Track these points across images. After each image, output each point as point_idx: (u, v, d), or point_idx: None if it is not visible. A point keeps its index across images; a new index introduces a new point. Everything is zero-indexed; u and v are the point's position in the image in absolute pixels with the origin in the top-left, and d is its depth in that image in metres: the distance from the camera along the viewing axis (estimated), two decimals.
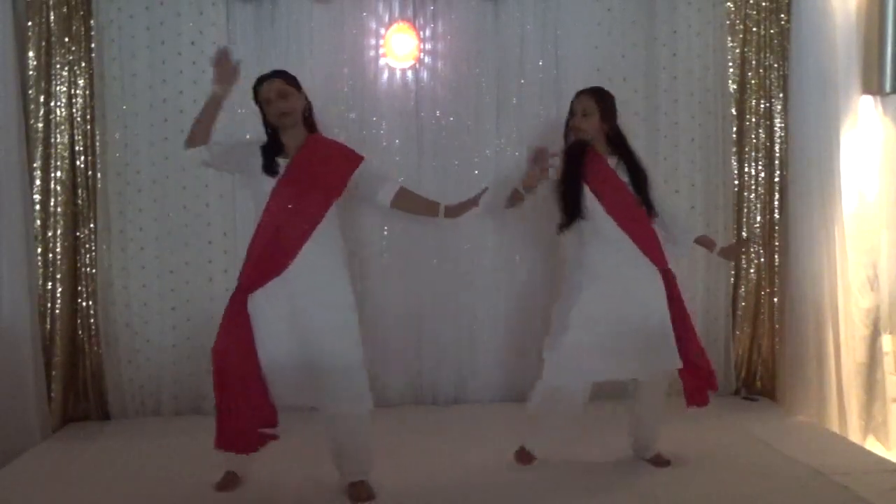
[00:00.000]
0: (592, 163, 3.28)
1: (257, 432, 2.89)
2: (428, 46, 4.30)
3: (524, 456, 3.39)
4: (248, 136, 3.72)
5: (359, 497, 3.02)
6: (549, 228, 4.34)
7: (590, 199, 3.24)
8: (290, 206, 2.92)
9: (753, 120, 4.48)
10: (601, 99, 3.33)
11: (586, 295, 3.18)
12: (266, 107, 3.02)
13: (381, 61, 4.28)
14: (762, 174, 4.50)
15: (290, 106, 2.99)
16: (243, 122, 4.03)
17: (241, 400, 2.85)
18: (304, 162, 2.98)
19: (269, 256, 2.92)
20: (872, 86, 4.08)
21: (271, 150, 3.00)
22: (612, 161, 3.32)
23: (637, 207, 3.27)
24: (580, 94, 3.35)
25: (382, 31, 4.27)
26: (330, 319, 2.95)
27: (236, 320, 2.90)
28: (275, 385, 2.91)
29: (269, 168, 2.95)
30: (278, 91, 2.99)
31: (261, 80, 3.07)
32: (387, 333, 4.33)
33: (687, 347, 3.26)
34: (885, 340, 4.14)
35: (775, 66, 4.44)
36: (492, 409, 4.29)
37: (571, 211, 3.24)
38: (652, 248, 3.29)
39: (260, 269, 2.92)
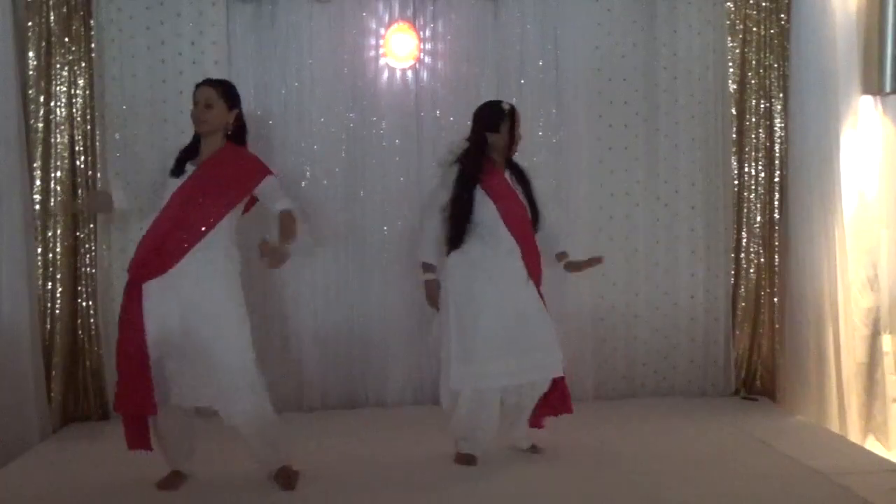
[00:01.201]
0: (492, 175, 3.34)
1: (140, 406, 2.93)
2: (428, 46, 4.30)
3: (465, 458, 3.41)
4: None
5: (286, 482, 3.11)
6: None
7: (489, 211, 3.28)
8: (185, 209, 2.96)
9: (753, 120, 4.48)
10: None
11: (479, 301, 3.24)
12: (192, 109, 3.10)
13: (381, 61, 4.28)
14: (762, 174, 4.50)
15: (207, 117, 3.05)
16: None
17: (138, 396, 2.92)
18: (210, 169, 3.03)
19: (156, 254, 2.96)
20: (872, 86, 4.08)
21: (185, 153, 3.09)
22: (506, 174, 3.40)
23: (528, 221, 3.38)
24: (516, 109, 3.39)
25: (382, 31, 4.27)
26: (215, 326, 2.95)
27: (127, 311, 2.95)
28: (172, 384, 2.97)
29: (176, 170, 3.04)
30: (205, 99, 3.06)
31: (199, 83, 3.13)
32: (387, 333, 4.34)
33: None
34: (885, 340, 4.14)
35: (775, 66, 4.44)
36: None
37: (466, 227, 3.28)
38: (536, 270, 3.40)
39: (147, 265, 2.96)
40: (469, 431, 3.37)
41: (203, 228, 2.96)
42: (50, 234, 4.04)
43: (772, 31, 4.44)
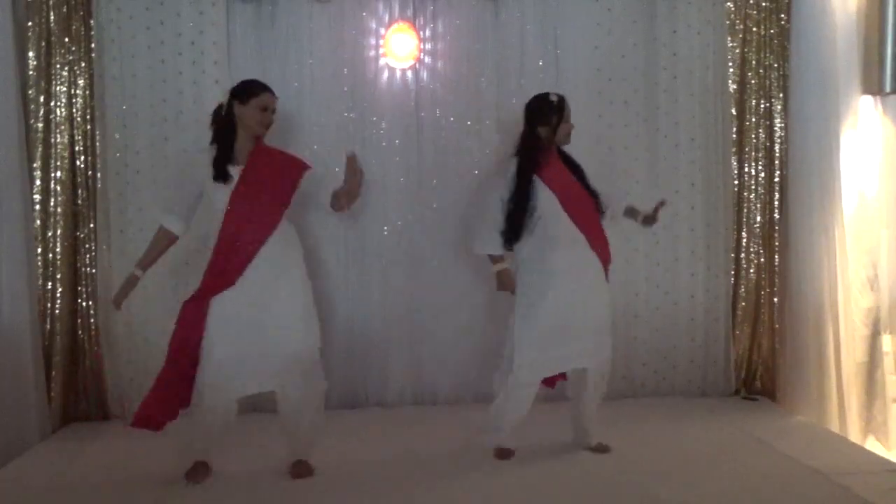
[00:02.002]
0: (551, 167, 3.39)
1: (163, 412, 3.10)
2: (428, 46, 4.30)
3: (504, 452, 3.49)
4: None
5: (300, 474, 3.24)
6: None
7: (551, 203, 3.33)
8: (247, 214, 3.06)
9: (753, 120, 4.48)
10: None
11: (545, 293, 3.31)
12: (259, 114, 3.13)
13: (381, 61, 4.28)
14: (762, 174, 4.50)
15: (271, 121, 3.20)
16: None
17: (172, 400, 3.10)
18: (256, 170, 3.11)
19: (228, 264, 3.06)
20: (872, 86, 4.08)
21: (223, 158, 3.12)
22: (560, 163, 3.45)
23: (591, 208, 3.42)
24: (565, 99, 3.45)
25: (382, 31, 4.27)
26: (289, 310, 3.11)
27: (189, 325, 3.07)
28: (236, 377, 3.05)
29: (222, 176, 3.08)
30: (274, 106, 3.19)
31: (265, 87, 3.18)
32: (387, 333, 4.34)
33: None
34: (885, 340, 4.14)
35: (775, 66, 4.44)
36: None
37: (525, 221, 3.33)
38: (606, 258, 3.47)
39: (221, 277, 3.07)
40: (514, 420, 3.46)
41: (267, 229, 3.08)
42: (50, 234, 4.04)
43: (772, 31, 4.43)
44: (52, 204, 4.03)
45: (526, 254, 3.39)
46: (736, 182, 4.51)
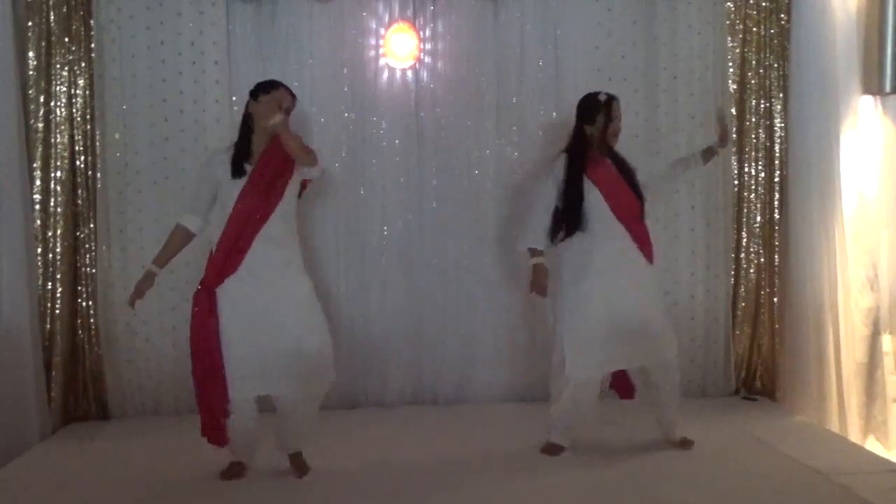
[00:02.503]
0: (598, 166, 3.42)
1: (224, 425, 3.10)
2: (428, 46, 4.30)
3: (553, 448, 3.52)
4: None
5: (298, 467, 3.27)
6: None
7: (597, 201, 3.36)
8: (249, 208, 3.07)
9: (753, 120, 4.48)
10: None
11: (591, 291, 3.33)
12: (276, 111, 3.11)
13: (381, 61, 4.28)
14: (762, 174, 4.50)
15: (288, 121, 3.16)
16: None
17: (215, 396, 3.06)
18: (264, 165, 3.13)
19: (229, 256, 3.08)
20: (872, 86, 4.08)
21: (242, 154, 3.15)
22: (609, 163, 3.48)
23: (637, 207, 3.45)
24: (615, 99, 3.49)
25: (382, 31, 4.27)
26: (292, 308, 3.11)
27: (203, 317, 3.07)
28: (247, 379, 3.04)
29: (238, 171, 3.11)
30: (288, 106, 3.16)
31: (279, 85, 3.18)
32: (387, 333, 4.33)
33: None
34: (885, 340, 4.14)
35: (775, 66, 4.44)
36: (492, 409, 4.29)
37: (579, 212, 3.36)
38: (650, 253, 3.48)
39: (222, 267, 3.08)
40: (569, 420, 3.47)
41: (266, 212, 3.08)
42: (50, 234, 4.04)
43: (772, 31, 4.43)
44: (52, 204, 4.03)
45: (571, 252, 3.40)
46: (736, 182, 4.51)
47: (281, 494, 3.11)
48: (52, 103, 4.04)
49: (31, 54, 3.98)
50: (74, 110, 4.09)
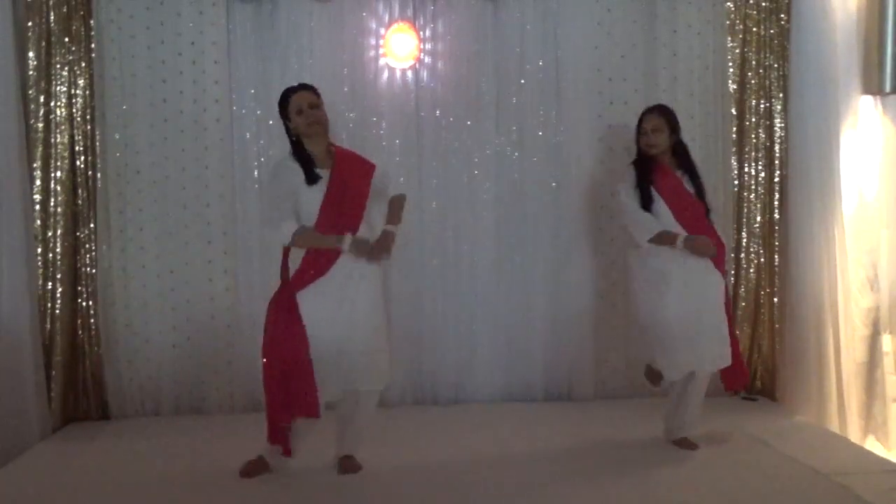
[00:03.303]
0: (662, 176, 3.55)
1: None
2: (428, 46, 4.30)
3: (688, 443, 3.58)
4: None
5: (348, 469, 3.30)
6: (550, 228, 4.38)
7: (663, 211, 3.50)
8: (335, 216, 3.12)
9: (753, 120, 4.48)
10: (668, 115, 3.59)
11: (668, 298, 3.46)
12: (297, 117, 3.17)
13: (381, 61, 4.28)
14: (762, 174, 4.50)
15: (322, 115, 3.19)
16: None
17: (290, 395, 3.07)
18: (342, 175, 3.17)
19: (317, 261, 3.11)
20: (872, 86, 4.07)
21: (307, 161, 3.17)
22: (678, 173, 3.60)
23: (704, 217, 3.56)
24: (648, 112, 3.61)
25: (382, 31, 4.27)
26: (369, 305, 3.18)
27: (287, 316, 3.08)
28: (326, 380, 3.08)
29: (312, 179, 3.14)
30: (310, 101, 3.17)
31: (290, 92, 3.22)
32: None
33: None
34: (885, 340, 4.14)
35: (775, 66, 4.44)
36: (492, 409, 4.29)
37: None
38: (718, 260, 3.55)
39: (310, 272, 3.10)
40: (685, 415, 3.60)
41: (355, 224, 3.16)
42: (50, 234, 4.04)
43: (772, 31, 4.43)
44: (52, 204, 4.03)
45: (641, 258, 3.57)
46: (736, 182, 4.51)
47: (281, 494, 3.10)
48: (52, 103, 4.04)
49: (31, 54, 3.97)
50: (74, 110, 4.09)
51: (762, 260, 4.51)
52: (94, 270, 4.14)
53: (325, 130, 3.23)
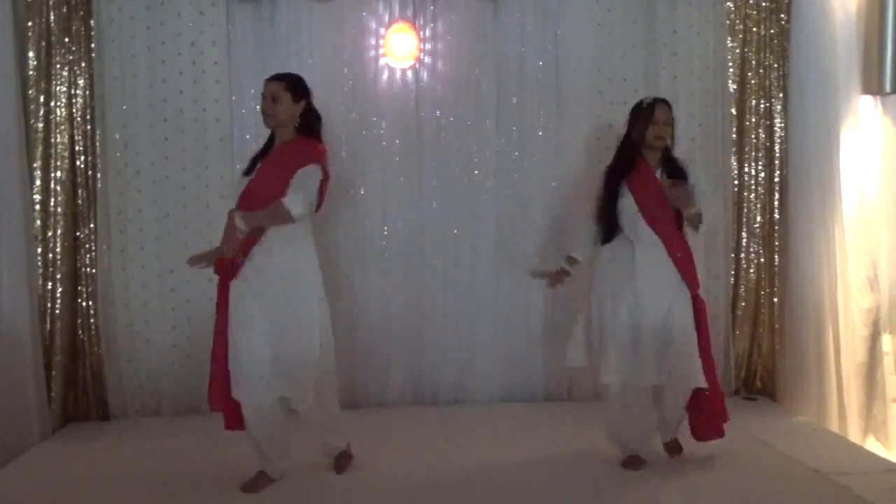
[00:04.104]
0: (640, 172, 3.33)
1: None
2: (428, 46, 4.30)
3: (630, 462, 3.37)
4: None
5: (343, 465, 3.34)
6: (550, 228, 4.38)
7: (629, 207, 3.29)
8: (250, 205, 3.00)
9: (753, 120, 4.48)
10: (671, 109, 3.38)
11: (619, 297, 3.27)
12: (262, 103, 3.14)
13: (381, 61, 4.28)
14: (762, 174, 4.50)
15: (274, 110, 3.08)
16: None
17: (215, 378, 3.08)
18: (271, 163, 3.09)
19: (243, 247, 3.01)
20: (872, 86, 4.07)
21: (261, 152, 3.16)
22: (657, 171, 3.36)
23: (675, 222, 3.31)
24: (660, 103, 3.35)
25: (382, 31, 4.27)
26: (294, 314, 3.04)
27: (217, 312, 3.09)
28: (264, 375, 3.00)
29: (248, 169, 3.13)
30: (272, 93, 3.09)
31: (266, 80, 3.18)
32: (387, 333, 4.33)
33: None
34: (885, 340, 4.14)
35: (775, 66, 4.44)
36: (492, 409, 4.29)
37: (613, 222, 3.32)
38: (686, 268, 3.33)
39: (223, 265, 3.04)
40: (626, 429, 3.34)
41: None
42: (50, 234, 4.03)
43: (772, 31, 4.43)
44: (52, 204, 4.03)
45: (607, 255, 3.37)
46: (736, 182, 4.51)
47: (281, 494, 3.10)
48: (52, 103, 4.04)
49: (31, 54, 3.97)
50: (74, 110, 4.09)
51: (762, 260, 4.51)
52: (94, 270, 4.13)
53: (286, 126, 3.12)
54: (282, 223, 2.99)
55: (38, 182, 4.00)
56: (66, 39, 4.05)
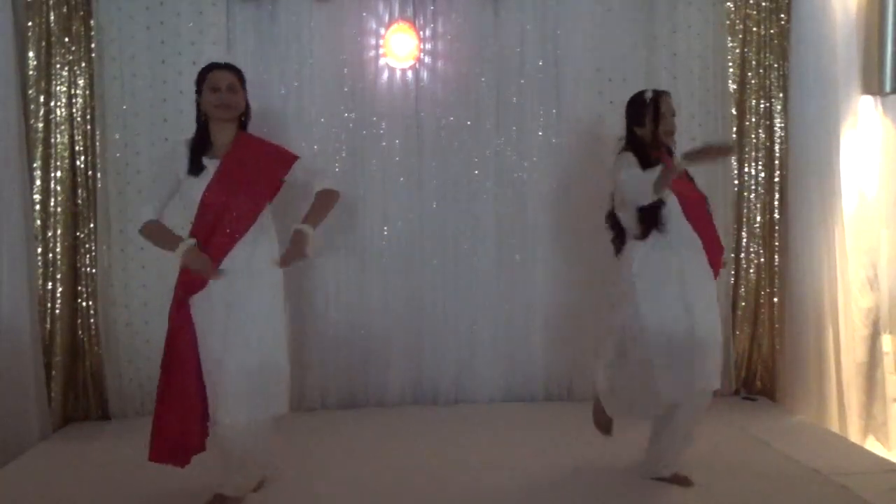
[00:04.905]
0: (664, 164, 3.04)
1: (187, 448, 2.85)
2: (428, 46, 4.30)
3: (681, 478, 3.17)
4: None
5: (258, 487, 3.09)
6: (550, 228, 4.38)
7: (672, 207, 3.04)
8: (221, 209, 2.81)
9: (753, 120, 4.48)
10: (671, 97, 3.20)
11: (667, 302, 3.02)
12: (209, 94, 2.90)
13: (381, 61, 4.28)
14: (762, 174, 4.50)
15: (236, 101, 2.92)
16: None
17: (176, 413, 2.81)
18: (236, 163, 2.86)
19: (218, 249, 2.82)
20: (872, 86, 4.08)
21: (197, 148, 2.90)
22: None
23: (706, 210, 3.16)
24: (663, 94, 3.16)
25: (382, 31, 4.27)
26: (264, 327, 2.84)
27: (177, 331, 2.82)
28: (238, 398, 2.79)
29: (195, 169, 2.85)
30: (230, 83, 2.92)
31: (212, 67, 2.98)
32: (387, 333, 4.33)
33: None
34: (885, 340, 4.14)
35: (775, 66, 4.44)
36: (492, 409, 4.29)
37: (655, 219, 3.02)
38: (715, 255, 3.15)
39: (193, 276, 2.81)
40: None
41: (242, 228, 2.83)
42: (50, 234, 4.03)
43: (772, 31, 4.43)
44: (52, 204, 4.03)
45: (641, 257, 3.07)
46: (736, 182, 4.51)
47: (280, 495, 3.10)
48: (52, 103, 4.04)
49: (31, 54, 3.97)
50: (74, 110, 4.09)
51: (762, 260, 4.51)
52: (94, 270, 4.13)
53: (235, 119, 2.93)
54: (333, 207, 2.92)
55: (38, 182, 4.00)
56: (66, 39, 4.05)
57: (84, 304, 4.14)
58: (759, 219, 4.51)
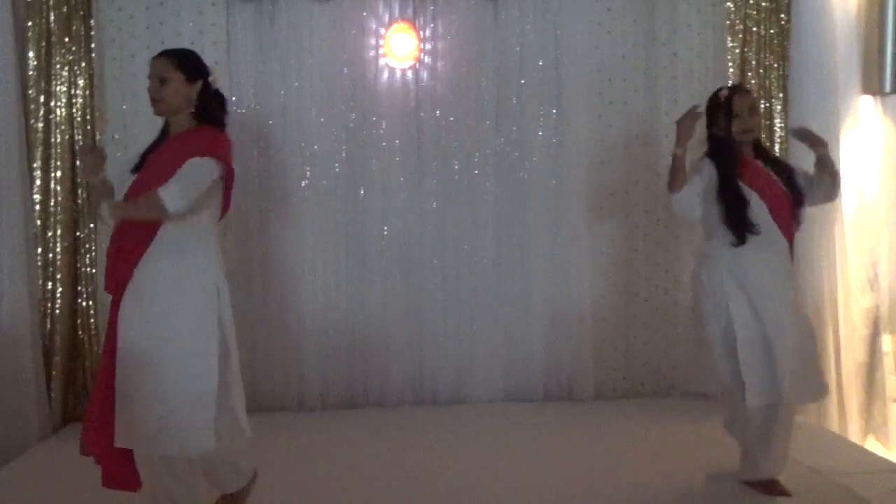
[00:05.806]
0: (749, 169, 2.96)
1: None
2: (428, 46, 4.30)
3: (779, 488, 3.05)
4: None
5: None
6: (550, 228, 4.38)
7: (759, 210, 2.91)
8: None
9: None
10: (751, 93, 3.06)
11: (756, 310, 2.90)
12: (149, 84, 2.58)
13: (381, 61, 4.28)
14: None
15: (161, 93, 2.58)
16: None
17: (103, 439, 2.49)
18: (158, 157, 2.57)
19: (113, 264, 2.57)
20: (872, 86, 4.08)
21: (151, 145, 2.66)
22: (759, 162, 3.01)
23: (789, 206, 2.98)
24: (738, 92, 3.04)
25: (382, 31, 4.27)
26: (181, 341, 2.50)
27: (107, 339, 2.60)
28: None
29: (136, 166, 2.59)
30: (158, 73, 2.59)
31: (153, 56, 2.66)
32: (387, 333, 4.33)
33: None
34: (885, 340, 4.14)
35: (775, 66, 4.44)
36: (492, 409, 4.29)
37: (745, 225, 2.89)
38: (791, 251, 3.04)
39: (109, 279, 2.57)
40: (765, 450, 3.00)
41: (149, 228, 2.49)
42: (50, 234, 4.03)
43: (772, 31, 4.43)
44: (52, 204, 4.03)
45: (727, 262, 2.94)
46: None
47: (279, 495, 3.10)
48: (52, 103, 4.04)
49: (31, 54, 3.97)
50: (74, 110, 4.09)
51: None
52: (94, 270, 4.13)
53: (171, 112, 2.63)
54: (155, 217, 2.43)
55: (38, 182, 4.00)
56: (66, 39, 4.05)
57: (84, 304, 4.14)
58: None
